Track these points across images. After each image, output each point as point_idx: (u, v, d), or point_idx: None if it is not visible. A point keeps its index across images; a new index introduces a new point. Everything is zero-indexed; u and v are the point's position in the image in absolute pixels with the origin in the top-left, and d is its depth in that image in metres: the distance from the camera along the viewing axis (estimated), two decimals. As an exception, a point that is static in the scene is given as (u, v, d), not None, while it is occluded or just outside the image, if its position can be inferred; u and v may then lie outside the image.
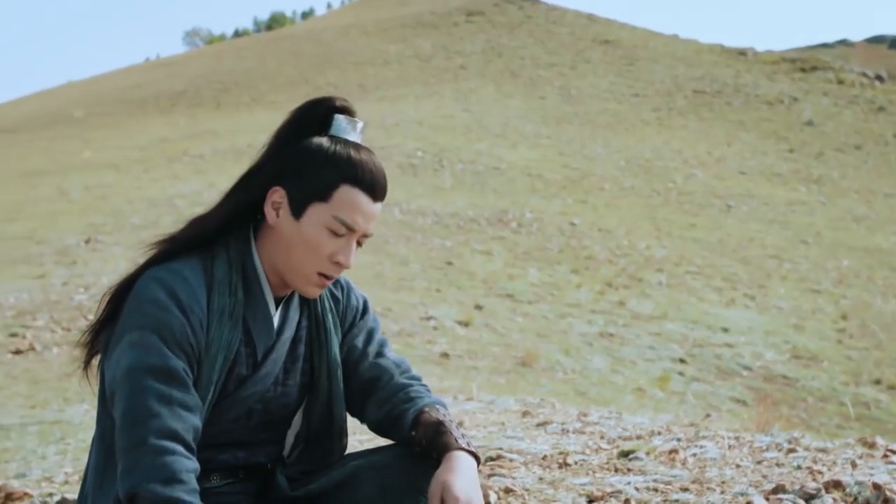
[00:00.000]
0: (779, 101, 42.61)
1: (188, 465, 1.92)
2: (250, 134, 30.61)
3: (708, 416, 5.87)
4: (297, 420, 2.24)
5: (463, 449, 2.05)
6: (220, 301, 2.06)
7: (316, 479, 2.18)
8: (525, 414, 4.65)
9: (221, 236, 2.13)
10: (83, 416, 6.31)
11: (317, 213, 2.07)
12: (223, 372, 2.06)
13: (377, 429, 2.24)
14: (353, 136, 2.14)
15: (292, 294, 2.20)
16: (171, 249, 2.11)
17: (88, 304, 10.40)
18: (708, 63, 48.92)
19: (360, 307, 2.31)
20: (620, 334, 14.07)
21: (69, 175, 27.60)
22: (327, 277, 2.11)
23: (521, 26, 54.64)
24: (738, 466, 3.29)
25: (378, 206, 2.12)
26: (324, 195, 2.07)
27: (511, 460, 3.40)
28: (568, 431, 4.07)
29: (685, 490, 2.96)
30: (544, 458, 3.46)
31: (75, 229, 17.35)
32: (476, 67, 47.26)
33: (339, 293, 2.29)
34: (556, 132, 35.28)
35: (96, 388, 2.11)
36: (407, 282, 14.49)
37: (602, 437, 3.90)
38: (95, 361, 2.13)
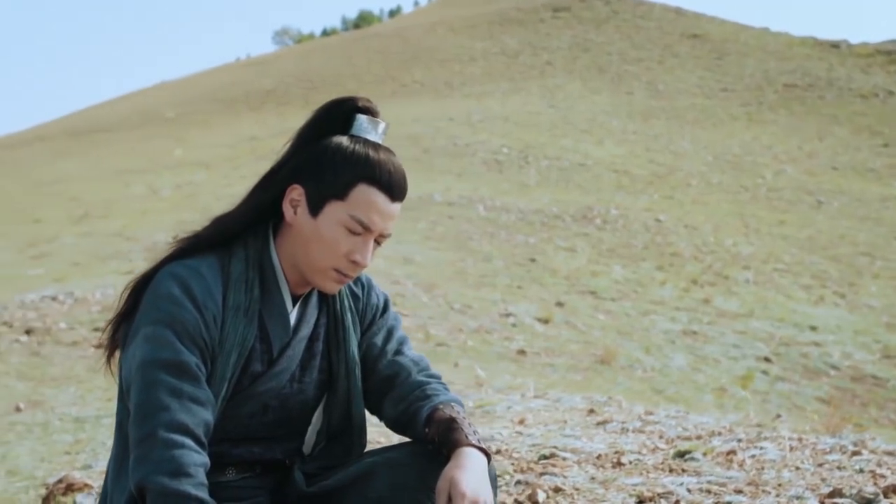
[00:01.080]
0: (873, 95, 41.62)
1: (196, 459, 1.94)
2: (337, 132, 30.87)
3: (778, 416, 5.77)
4: (318, 417, 2.25)
5: (473, 445, 2.03)
6: (236, 297, 2.08)
7: (332, 476, 2.18)
8: (590, 412, 4.62)
9: (242, 234, 2.15)
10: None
11: (334, 212, 2.08)
12: (237, 368, 2.08)
13: (394, 426, 2.24)
14: (375, 136, 2.14)
15: (311, 292, 2.21)
16: (192, 246, 2.14)
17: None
18: (800, 56, 48.00)
19: (381, 305, 2.31)
20: (704, 332, 13.90)
21: (160, 173, 28.16)
22: (345, 275, 2.12)
23: (608, 21, 54.22)
24: (797, 469, 3.22)
25: (396, 206, 2.11)
26: (341, 193, 2.07)
27: (564, 459, 3.39)
28: (627, 430, 4.04)
29: (739, 492, 2.91)
30: (598, 457, 3.44)
31: (164, 226, 17.67)
32: (562, 63, 47.03)
33: (359, 291, 2.30)
34: (642, 128, 34.95)
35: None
36: (489, 278, 14.49)
37: (661, 437, 3.85)
38: (118, 355, 2.17)
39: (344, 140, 2.12)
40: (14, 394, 6.79)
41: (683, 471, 3.21)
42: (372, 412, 2.28)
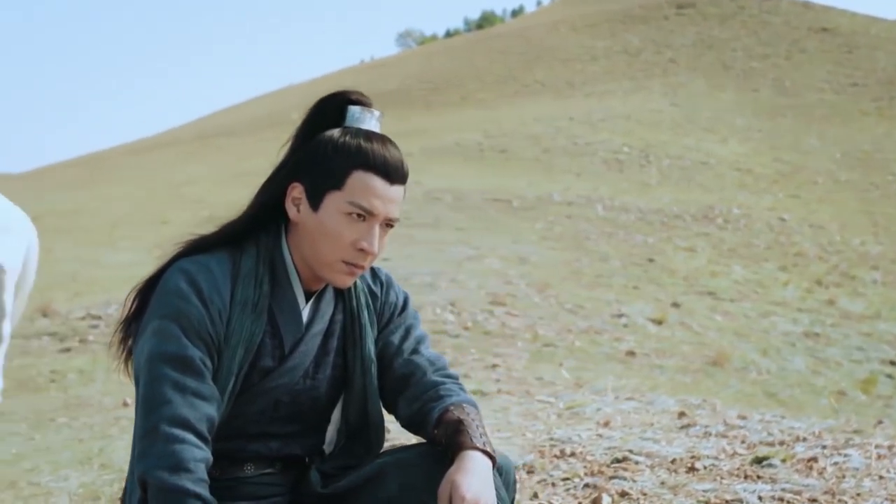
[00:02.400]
0: None
1: (196, 455, 1.95)
2: (458, 132, 31.00)
3: (880, 422, 5.56)
4: (337, 415, 2.25)
5: (477, 448, 2.00)
6: (244, 293, 2.09)
7: (345, 476, 2.18)
8: (680, 415, 4.52)
9: (254, 233, 2.17)
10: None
11: (333, 202, 2.08)
12: (245, 363, 2.09)
13: (408, 426, 2.22)
14: (369, 125, 2.14)
15: (325, 288, 2.21)
16: (202, 244, 2.16)
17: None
18: (935, 49, 46.34)
19: (399, 303, 2.30)
20: (827, 334, 13.53)
21: (283, 175, 28.63)
22: (354, 265, 2.11)
23: (734, 17, 53.17)
24: (880, 478, 3.09)
25: (397, 188, 2.10)
26: (338, 183, 2.08)
27: (637, 463, 3.32)
28: (710, 434, 3.93)
29: (813, 501, 2.81)
30: (673, 461, 3.36)
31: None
32: (686, 61, 46.33)
33: (377, 289, 2.29)
34: (768, 125, 34.20)
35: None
36: (604, 279, 14.34)
37: (742, 442, 3.74)
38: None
39: (336, 132, 2.12)
40: (124, 390, 6.97)
41: (759, 477, 3.11)
42: (388, 411, 2.26)
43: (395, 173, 2.10)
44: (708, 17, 53.57)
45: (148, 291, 2.15)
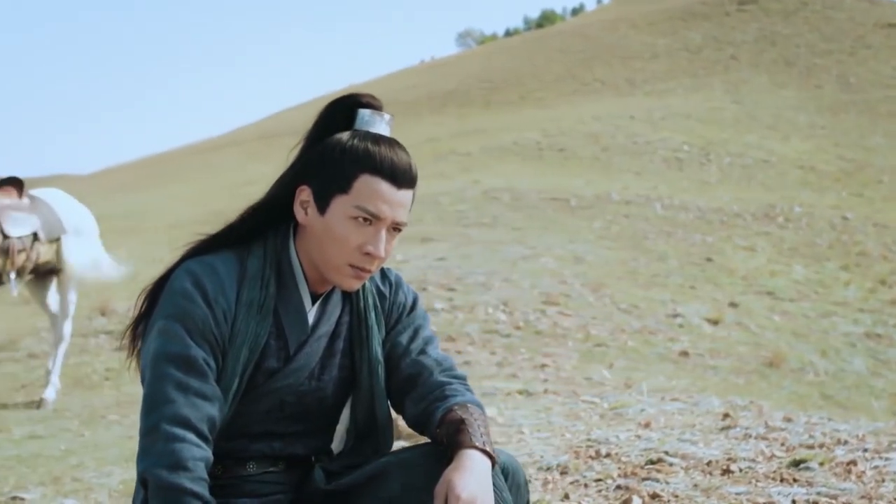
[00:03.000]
0: None
1: (196, 453, 1.97)
2: (517, 131, 30.93)
3: (932, 425, 5.43)
4: (346, 416, 2.26)
5: (476, 447, 2.00)
6: (250, 294, 2.11)
7: (350, 474, 2.18)
8: (725, 417, 4.46)
9: (261, 233, 2.18)
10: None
11: (340, 206, 2.08)
12: (249, 364, 2.10)
13: (414, 426, 2.22)
14: (379, 128, 2.14)
15: (333, 289, 2.22)
16: (211, 244, 2.18)
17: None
18: None
19: (408, 304, 2.29)
20: (890, 335, 13.27)
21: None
22: (361, 269, 2.12)
23: (797, 13, 52.45)
24: (921, 482, 3.04)
25: (404, 193, 2.10)
26: (345, 187, 2.08)
27: (671, 465, 3.28)
28: (749, 436, 3.86)
29: (848, 505, 2.76)
30: (708, 463, 3.31)
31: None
32: (748, 57, 45.80)
33: (386, 289, 2.29)
34: (831, 122, 33.71)
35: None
36: (660, 278, 14.20)
37: (782, 444, 3.67)
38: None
39: (345, 136, 2.13)
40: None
41: (795, 481, 3.05)
42: (396, 411, 2.27)
43: (402, 177, 2.10)
44: (770, 13, 52.89)
45: (157, 291, 2.18)
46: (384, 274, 2.32)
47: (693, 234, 18.41)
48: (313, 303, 2.20)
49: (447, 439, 2.06)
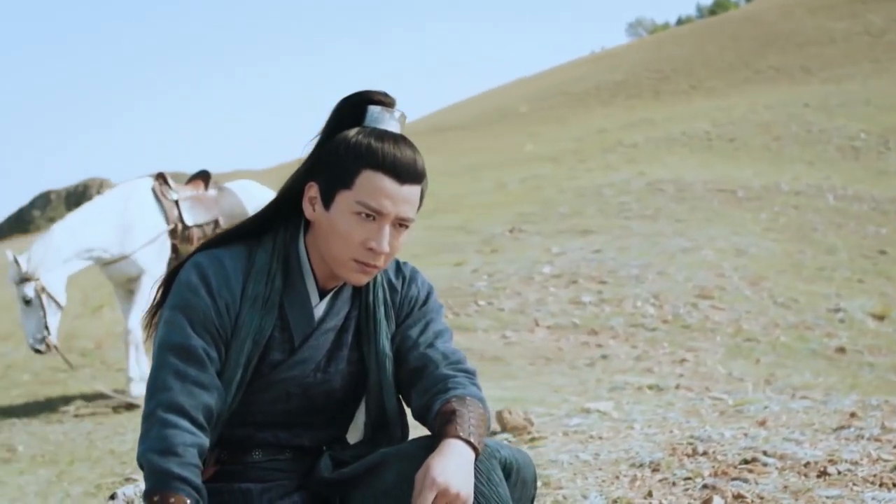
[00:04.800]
0: None
1: (187, 440, 2.05)
2: (686, 122, 30.38)
3: None
4: (363, 408, 2.30)
5: (459, 437, 2.00)
6: (255, 287, 2.17)
7: (352, 465, 2.22)
8: (851, 416, 4.27)
9: (273, 228, 2.24)
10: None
11: (343, 201, 2.12)
12: (253, 356, 2.16)
13: (417, 418, 2.24)
14: (387, 125, 2.16)
15: (344, 284, 2.26)
16: (225, 237, 2.26)
17: (486, 290, 10.77)
18: None
19: (422, 297, 2.31)
20: None
21: (509, 168, 28.78)
22: (366, 265, 2.14)
23: None
24: None
25: (408, 188, 2.12)
26: (348, 183, 2.11)
27: (765, 465, 3.17)
28: (861, 438, 3.69)
29: (945, 511, 2.61)
30: (806, 464, 3.18)
31: (504, 219, 18.02)
32: (934, 40, 43.71)
33: (398, 283, 2.31)
34: None
35: None
36: (826, 272, 13.72)
37: (895, 447, 3.49)
38: None
39: (351, 132, 2.16)
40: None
41: (895, 485, 2.91)
42: (406, 404, 2.30)
43: (405, 173, 2.12)
44: (961, -7, 50.33)
45: (170, 282, 2.27)
46: (398, 267, 2.35)
47: (866, 225, 17.73)
48: (323, 297, 2.24)
49: (437, 430, 2.08)
